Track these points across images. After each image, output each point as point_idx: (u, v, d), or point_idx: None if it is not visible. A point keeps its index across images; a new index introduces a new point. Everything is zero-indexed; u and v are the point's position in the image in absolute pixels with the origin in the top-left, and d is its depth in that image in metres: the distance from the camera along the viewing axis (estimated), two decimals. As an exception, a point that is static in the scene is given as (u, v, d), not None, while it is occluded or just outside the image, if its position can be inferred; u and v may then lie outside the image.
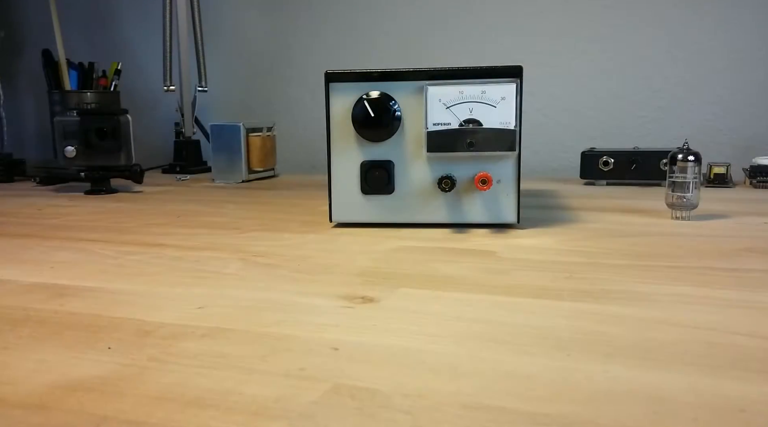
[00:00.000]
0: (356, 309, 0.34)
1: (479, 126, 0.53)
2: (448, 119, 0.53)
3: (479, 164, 0.54)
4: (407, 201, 0.56)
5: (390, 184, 0.56)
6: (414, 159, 0.55)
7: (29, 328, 0.32)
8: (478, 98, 0.53)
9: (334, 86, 0.56)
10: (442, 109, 0.53)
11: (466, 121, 0.53)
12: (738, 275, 0.40)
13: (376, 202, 0.57)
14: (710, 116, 0.98)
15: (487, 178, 0.53)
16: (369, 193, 0.57)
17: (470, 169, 0.54)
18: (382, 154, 0.56)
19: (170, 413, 0.22)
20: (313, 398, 0.23)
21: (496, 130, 0.52)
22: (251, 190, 0.89)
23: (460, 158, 0.54)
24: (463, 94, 0.53)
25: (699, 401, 0.23)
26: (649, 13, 1.00)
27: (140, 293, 0.38)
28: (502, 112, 0.52)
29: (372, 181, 0.56)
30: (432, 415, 0.22)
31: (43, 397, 0.24)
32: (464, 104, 0.53)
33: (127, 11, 1.37)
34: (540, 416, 0.22)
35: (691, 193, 0.57)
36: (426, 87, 0.54)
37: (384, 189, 0.56)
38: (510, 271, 0.41)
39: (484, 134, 0.53)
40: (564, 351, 0.27)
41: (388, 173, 0.56)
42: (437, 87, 0.54)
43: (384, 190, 0.56)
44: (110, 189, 0.86)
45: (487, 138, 0.53)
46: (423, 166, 0.55)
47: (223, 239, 0.53)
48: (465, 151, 0.53)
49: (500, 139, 0.52)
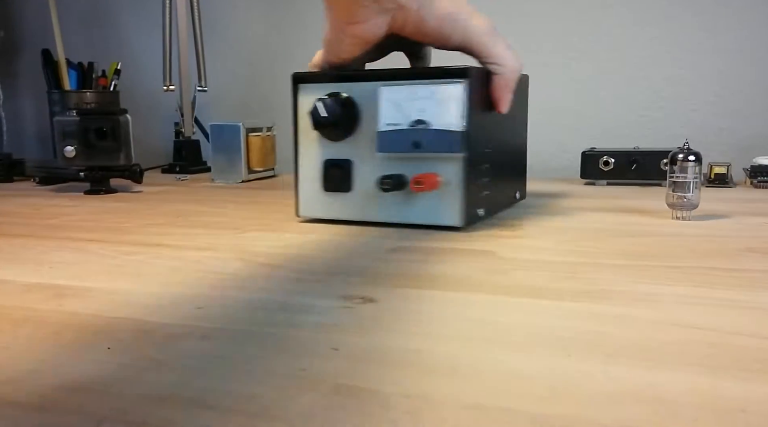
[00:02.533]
0: (356, 309, 0.34)
1: (427, 127, 0.53)
2: (400, 120, 0.53)
3: (429, 165, 0.54)
4: (363, 199, 0.57)
5: (348, 182, 0.57)
6: (371, 159, 0.56)
7: (29, 328, 0.32)
8: (428, 99, 0.53)
9: (301, 87, 0.58)
10: (394, 110, 0.54)
11: (415, 121, 0.53)
12: (739, 275, 0.40)
13: (336, 199, 0.58)
14: (711, 116, 0.98)
15: (423, 180, 0.52)
16: (329, 190, 0.58)
17: (420, 170, 0.53)
18: (342, 154, 0.57)
19: (170, 413, 0.22)
20: (313, 398, 0.23)
21: (442, 132, 0.52)
22: (251, 190, 0.89)
23: (411, 159, 0.54)
24: (412, 94, 0.53)
25: (700, 402, 0.22)
26: (649, 13, 0.99)
27: (140, 293, 0.37)
28: (449, 114, 0.52)
29: (331, 179, 0.57)
30: (432, 415, 0.22)
31: (42, 397, 0.24)
32: (414, 105, 0.53)
33: (126, 11, 1.37)
34: (540, 417, 0.22)
35: (691, 193, 0.57)
36: (379, 88, 0.54)
37: (342, 187, 0.57)
38: (510, 271, 0.41)
39: (431, 135, 0.52)
40: (564, 351, 0.27)
41: (346, 172, 0.57)
42: (390, 88, 0.54)
43: (342, 188, 0.57)
44: (110, 189, 0.86)
45: (433, 139, 0.52)
46: (378, 165, 0.55)
47: (223, 239, 0.53)
48: (411, 152, 0.53)
49: (446, 140, 0.52)
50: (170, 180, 1.04)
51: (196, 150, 1.19)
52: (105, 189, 0.85)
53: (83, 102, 1.19)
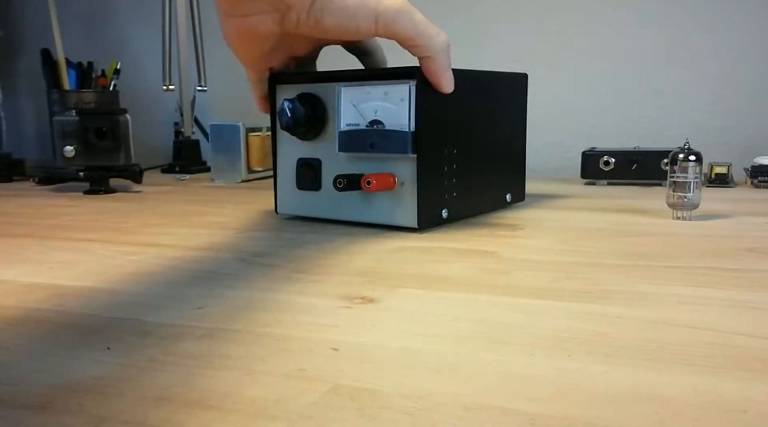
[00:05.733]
0: (356, 309, 0.34)
1: (382, 127, 0.53)
2: (358, 120, 0.54)
3: (385, 165, 0.54)
4: (331, 198, 0.57)
5: (317, 181, 0.58)
6: (337, 158, 0.56)
7: (29, 328, 0.32)
8: (381, 99, 0.53)
9: (279, 87, 0.60)
10: (352, 110, 0.54)
11: (371, 121, 0.53)
12: (739, 275, 0.40)
13: (307, 197, 0.59)
14: (711, 116, 0.98)
15: (373, 180, 0.52)
16: (302, 189, 0.59)
17: (379, 170, 0.54)
18: (314, 153, 0.58)
19: (169, 413, 0.22)
20: (313, 398, 0.23)
21: (394, 132, 0.52)
22: (251, 189, 0.88)
23: (371, 159, 0.55)
24: (369, 94, 0.53)
25: (700, 402, 0.22)
26: (649, 12, 0.99)
27: (139, 293, 0.37)
28: (400, 114, 0.52)
29: (302, 178, 0.58)
30: (432, 415, 0.22)
31: (42, 397, 0.24)
32: (370, 105, 0.53)
33: (126, 11, 1.37)
34: (540, 417, 0.22)
35: (692, 193, 0.57)
36: (339, 88, 0.55)
37: (312, 186, 0.58)
38: (510, 271, 0.41)
39: (383, 135, 0.53)
40: (564, 351, 0.27)
41: (315, 171, 0.58)
42: (348, 88, 0.55)
43: (312, 186, 0.58)
44: (109, 189, 0.86)
45: (386, 139, 0.53)
46: (343, 165, 0.56)
47: (222, 239, 0.53)
48: (368, 152, 0.54)
49: (397, 140, 0.52)
50: (170, 180, 1.04)
51: (196, 150, 1.18)
52: (105, 189, 0.85)
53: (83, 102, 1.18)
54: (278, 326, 0.31)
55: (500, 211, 0.64)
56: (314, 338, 0.29)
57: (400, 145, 0.52)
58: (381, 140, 0.53)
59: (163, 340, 0.30)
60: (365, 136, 0.54)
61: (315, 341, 0.29)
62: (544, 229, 0.55)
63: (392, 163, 0.54)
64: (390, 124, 0.52)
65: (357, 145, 0.54)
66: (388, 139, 0.52)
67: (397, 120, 0.52)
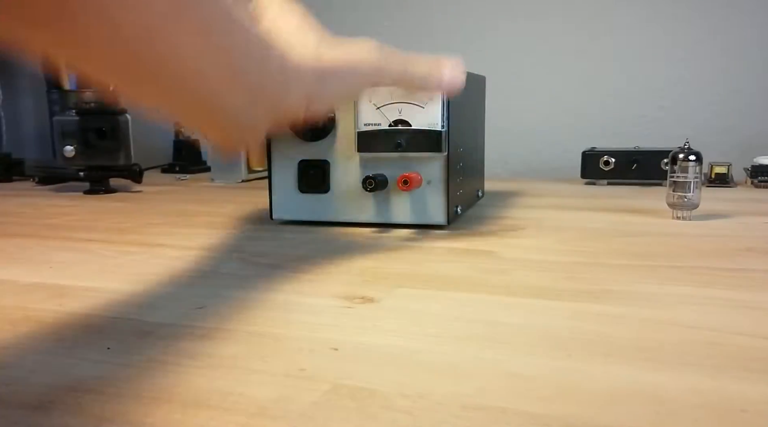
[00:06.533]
0: (356, 309, 0.34)
1: (408, 127, 0.53)
2: (379, 120, 0.54)
3: (409, 165, 0.54)
4: (341, 200, 0.57)
5: (325, 183, 0.57)
6: (348, 159, 0.56)
7: (29, 328, 0.32)
8: (407, 99, 0.53)
9: None
10: (372, 110, 0.54)
11: (395, 121, 0.53)
12: (739, 274, 0.40)
13: (313, 200, 0.58)
14: (711, 116, 0.98)
15: (410, 179, 0.52)
16: (306, 192, 0.58)
17: (400, 170, 0.54)
18: (319, 154, 0.57)
19: (170, 413, 0.22)
20: (313, 398, 0.23)
21: (423, 131, 0.52)
22: (250, 189, 0.88)
23: (390, 159, 0.54)
24: (392, 95, 0.53)
25: (700, 402, 0.22)
26: (649, 12, 0.99)
27: (140, 293, 0.37)
28: (429, 114, 0.52)
29: (308, 180, 0.57)
30: (432, 415, 0.22)
31: (42, 397, 0.24)
32: (394, 105, 0.53)
33: (126, 11, 1.36)
34: (540, 417, 0.22)
35: (692, 193, 0.57)
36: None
37: (319, 188, 0.57)
38: (510, 271, 0.41)
39: (412, 135, 0.53)
40: (564, 351, 0.27)
41: (324, 172, 0.57)
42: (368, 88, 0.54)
43: (320, 189, 0.57)
44: (109, 189, 0.86)
45: (414, 139, 0.53)
46: (356, 166, 0.56)
47: (222, 239, 0.53)
48: (393, 152, 0.53)
49: (427, 140, 0.52)
50: (170, 180, 1.04)
51: (196, 150, 1.18)
52: (105, 189, 0.85)
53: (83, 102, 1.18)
54: (278, 326, 0.31)
55: (500, 211, 0.65)
56: (314, 338, 0.29)
57: (431, 144, 0.52)
58: (410, 140, 0.53)
59: (163, 340, 0.30)
60: (390, 136, 0.53)
61: (315, 341, 0.29)
62: (544, 229, 0.55)
63: (415, 162, 0.54)
64: (417, 123, 0.53)
65: (379, 145, 0.54)
66: (418, 138, 0.53)
67: (425, 119, 0.52)
